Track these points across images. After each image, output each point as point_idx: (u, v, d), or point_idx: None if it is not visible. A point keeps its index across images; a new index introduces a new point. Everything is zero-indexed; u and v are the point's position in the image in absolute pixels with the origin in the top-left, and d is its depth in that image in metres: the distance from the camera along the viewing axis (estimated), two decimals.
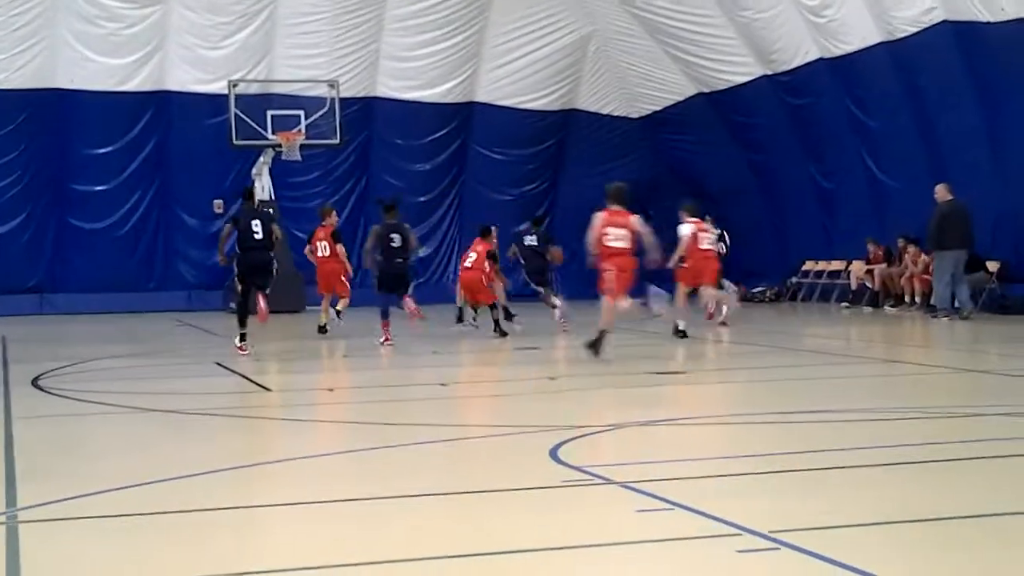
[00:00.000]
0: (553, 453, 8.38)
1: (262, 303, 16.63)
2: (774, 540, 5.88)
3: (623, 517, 6.63)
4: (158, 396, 12.97)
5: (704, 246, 19.92)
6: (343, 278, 20.13)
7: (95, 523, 6.83)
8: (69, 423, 11.15)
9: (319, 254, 20.17)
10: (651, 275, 16.41)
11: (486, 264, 19.94)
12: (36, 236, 27.88)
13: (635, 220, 15.37)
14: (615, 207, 15.40)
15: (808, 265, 27.81)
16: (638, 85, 30.46)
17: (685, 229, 19.77)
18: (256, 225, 16.52)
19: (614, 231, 15.19)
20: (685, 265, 19.69)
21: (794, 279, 27.98)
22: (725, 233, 23.28)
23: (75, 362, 16.15)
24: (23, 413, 11.13)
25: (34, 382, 13.48)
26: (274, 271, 16.79)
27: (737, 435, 9.65)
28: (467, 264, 20.32)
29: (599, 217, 15.26)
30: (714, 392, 12.59)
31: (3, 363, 16.04)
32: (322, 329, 19.65)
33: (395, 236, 17.66)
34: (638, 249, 15.09)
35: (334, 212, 21.43)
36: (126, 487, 7.67)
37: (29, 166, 27.75)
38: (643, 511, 6.68)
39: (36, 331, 20.65)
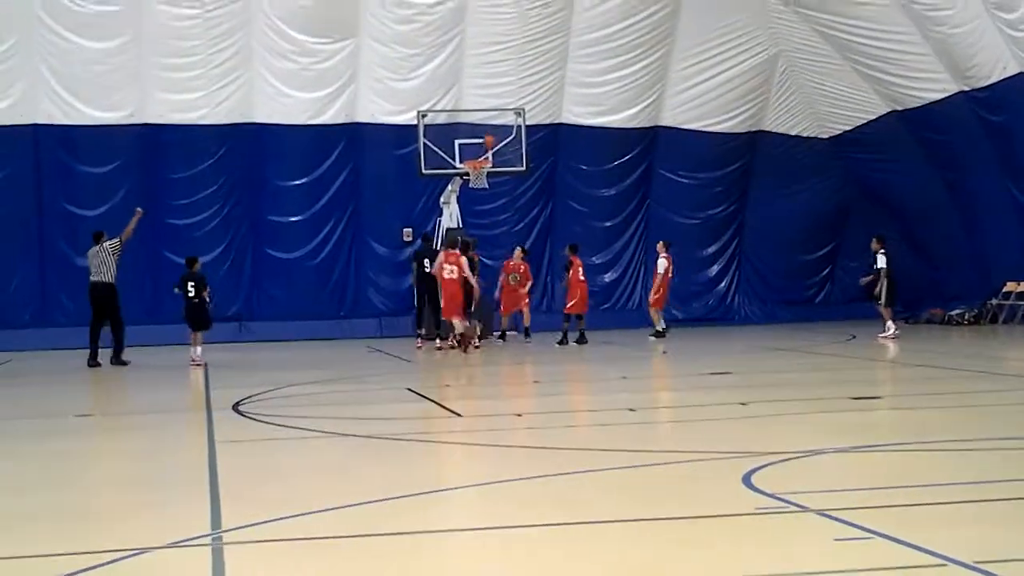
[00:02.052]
0: (747, 479, 8.23)
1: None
2: (980, 571, 5.65)
3: (821, 546, 6.46)
4: (353, 421, 13.21)
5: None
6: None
7: (295, 545, 6.97)
8: (269, 447, 11.44)
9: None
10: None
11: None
12: (235, 266, 28.80)
13: (463, 261, 22.15)
14: (451, 251, 22.38)
15: (1009, 287, 26.80)
16: (827, 105, 29.90)
17: (662, 264, 24.69)
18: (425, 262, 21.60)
19: (448, 267, 21.92)
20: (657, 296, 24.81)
21: (994, 301, 27.00)
22: None
23: (273, 388, 16.59)
24: (225, 437, 11.47)
25: (235, 407, 13.88)
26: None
27: (938, 462, 9.31)
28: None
29: (440, 256, 22.37)
30: (913, 418, 12.19)
31: (206, 389, 16.58)
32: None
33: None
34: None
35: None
36: (324, 510, 7.82)
37: (228, 198, 28.72)
38: (842, 540, 6.50)
39: (235, 358, 21.31)
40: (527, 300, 25.47)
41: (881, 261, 23.02)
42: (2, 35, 26.99)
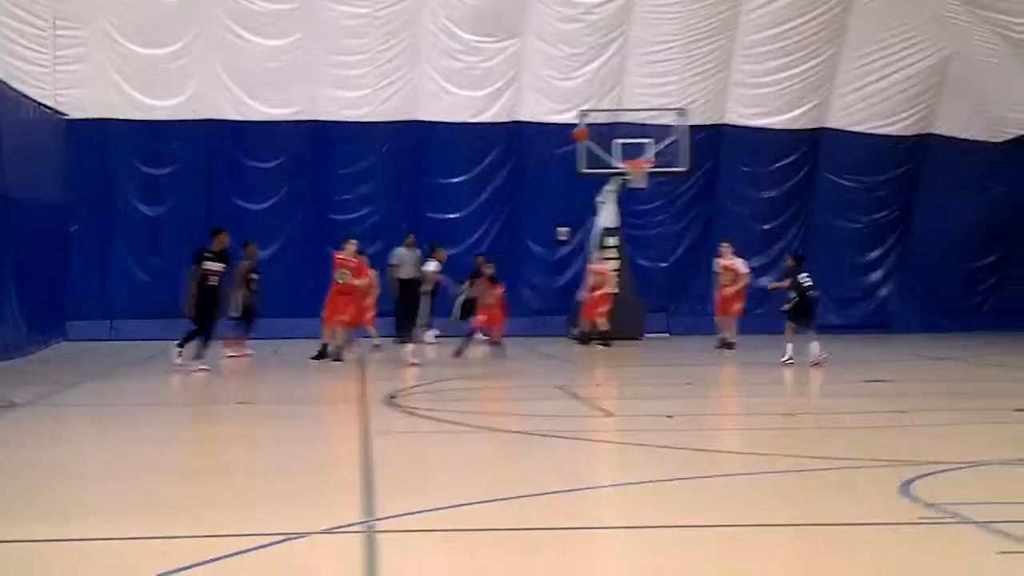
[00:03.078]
0: (906, 489, 8.02)
1: None
2: None
3: (983, 558, 6.26)
4: (504, 417, 13.30)
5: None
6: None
7: (444, 536, 7.05)
8: (421, 440, 11.57)
9: None
10: None
11: None
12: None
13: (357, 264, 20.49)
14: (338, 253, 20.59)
15: None
16: (1002, 108, 28.94)
17: (743, 265, 23.06)
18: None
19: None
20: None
21: None
22: None
23: (427, 382, 16.78)
24: (380, 428, 11.64)
25: (390, 399, 14.07)
26: None
27: None
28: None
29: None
30: None
31: (363, 381, 16.85)
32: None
33: None
34: None
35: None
36: (473, 503, 7.88)
37: (389, 195, 29.11)
38: (1005, 553, 6.29)
39: (393, 352, 21.60)
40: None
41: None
42: (179, 32, 27.83)
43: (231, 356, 20.84)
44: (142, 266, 28.18)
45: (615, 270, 26.54)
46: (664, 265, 29.73)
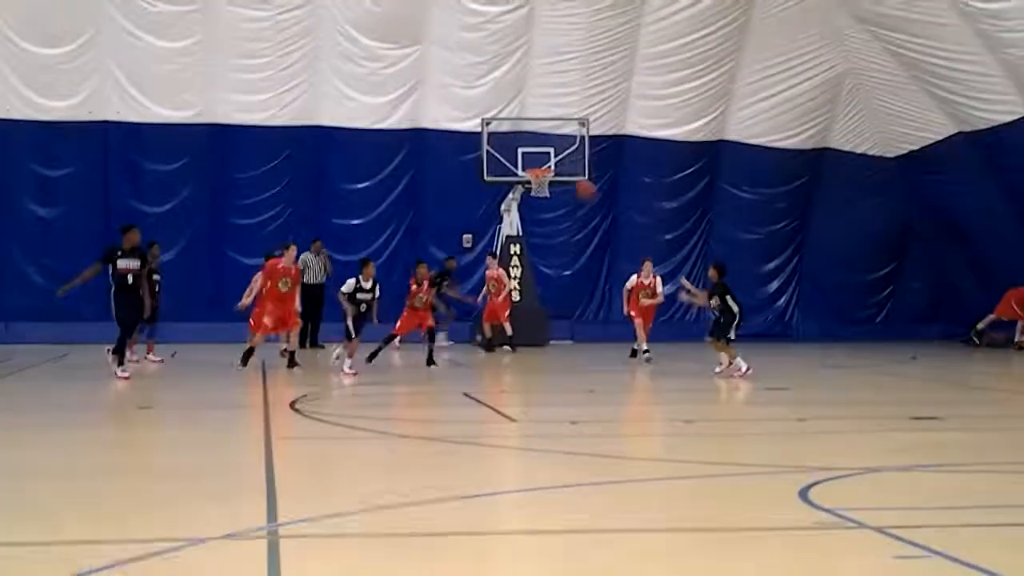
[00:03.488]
0: (803, 494, 8.16)
1: None
2: None
3: (878, 563, 6.39)
4: (409, 423, 13.26)
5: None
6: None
7: (348, 540, 7.01)
8: (325, 445, 11.50)
9: None
10: None
11: None
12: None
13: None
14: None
15: None
16: (895, 123, 29.60)
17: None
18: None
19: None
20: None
21: None
22: None
23: (330, 387, 16.67)
24: (282, 434, 11.54)
25: (292, 405, 13.96)
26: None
27: (1000, 484, 9.18)
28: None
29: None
30: (974, 439, 12.02)
31: (263, 386, 16.69)
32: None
33: None
34: None
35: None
36: (376, 508, 7.85)
37: (291, 200, 28.91)
38: (900, 558, 6.43)
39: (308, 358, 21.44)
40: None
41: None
42: (74, 32, 27.36)
43: (133, 360, 20.51)
44: (37, 268, 27.66)
45: (516, 278, 26.75)
46: (567, 273, 29.95)
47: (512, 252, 27.03)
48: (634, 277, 22.31)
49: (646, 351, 21.46)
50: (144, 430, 12.53)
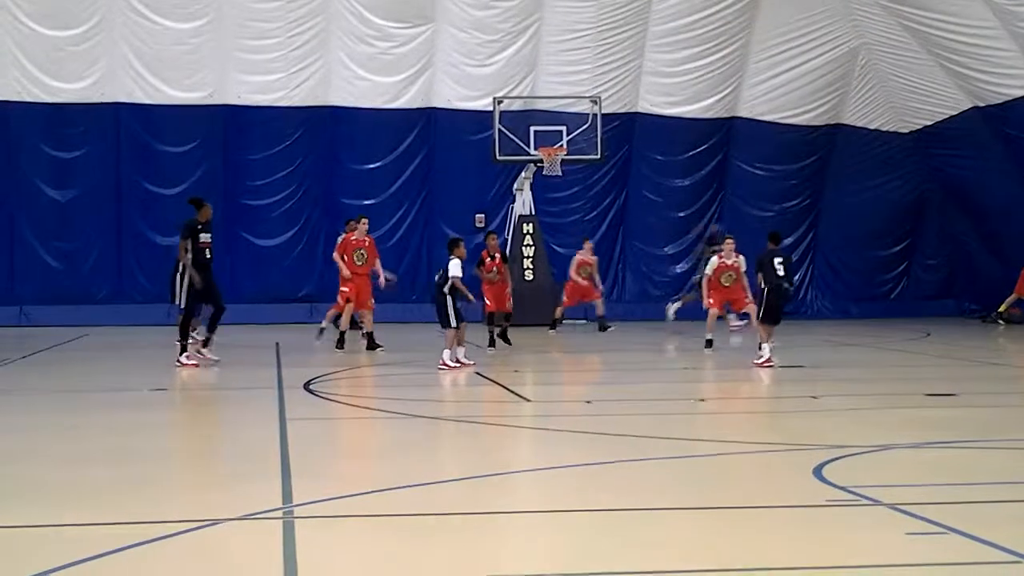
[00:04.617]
0: (818, 472, 8.17)
1: None
2: None
3: (892, 539, 6.39)
4: (421, 403, 13.29)
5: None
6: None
7: (363, 521, 7.04)
8: (339, 426, 11.53)
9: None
10: None
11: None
12: (308, 248, 28.97)
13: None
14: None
15: None
16: (908, 99, 29.47)
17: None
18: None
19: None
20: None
21: None
22: None
23: (344, 368, 16.71)
24: (296, 415, 11.57)
25: (306, 386, 14.00)
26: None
27: (1013, 460, 9.18)
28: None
29: None
30: (988, 415, 12.01)
31: (278, 367, 16.73)
32: None
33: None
34: None
35: None
36: (391, 488, 7.88)
37: (303, 181, 28.91)
38: (913, 534, 6.43)
39: (307, 339, 21.46)
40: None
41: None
42: (85, 14, 27.35)
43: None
44: (50, 251, 27.74)
45: (530, 257, 26.80)
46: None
47: (525, 231, 27.01)
48: (715, 259, 20.61)
49: (709, 340, 19.61)
50: (157, 412, 12.57)
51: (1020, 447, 9.74)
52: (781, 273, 16.65)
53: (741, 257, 20.50)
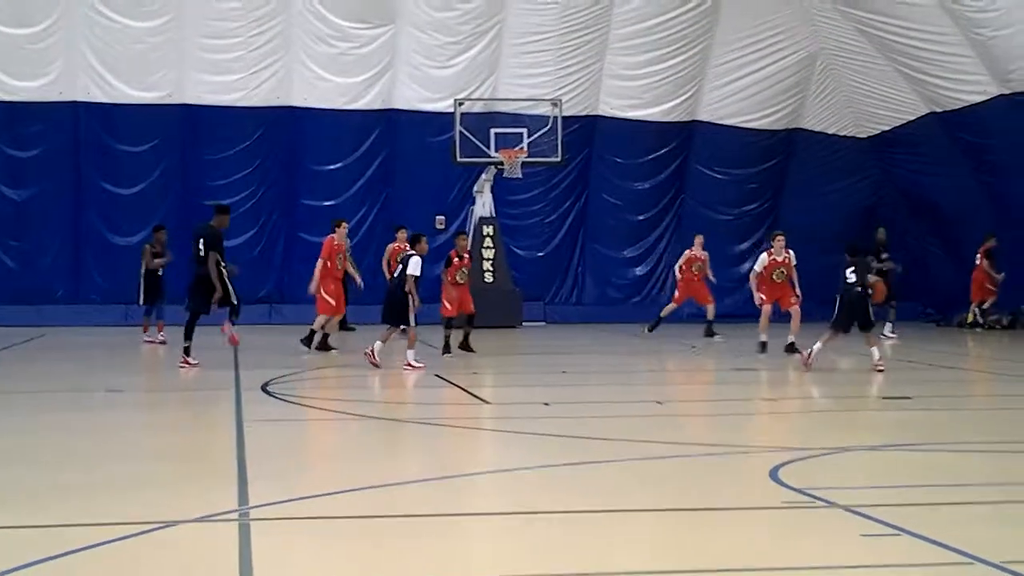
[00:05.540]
0: (774, 474, 8.21)
1: None
2: (1009, 571, 5.62)
3: (847, 541, 6.44)
4: (379, 404, 13.26)
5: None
6: None
7: (320, 523, 7.02)
8: (296, 428, 11.49)
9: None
10: None
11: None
12: (267, 249, 28.85)
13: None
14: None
15: None
16: (866, 104, 29.71)
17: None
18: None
19: None
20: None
21: None
22: None
23: (301, 370, 16.65)
24: (254, 417, 11.52)
25: (264, 388, 13.94)
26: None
27: (968, 462, 9.27)
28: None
29: None
30: (943, 418, 12.12)
31: (235, 369, 16.64)
32: None
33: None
34: None
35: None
36: (348, 491, 7.86)
37: (263, 181, 28.80)
38: (868, 535, 6.48)
39: (265, 340, 21.38)
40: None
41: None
42: (43, 12, 27.13)
43: (148, 341, 20.98)
44: (7, 251, 27.52)
45: (490, 259, 26.81)
46: (540, 255, 29.93)
47: (485, 233, 27.01)
48: (764, 256, 20.07)
49: (763, 342, 19.01)
50: (113, 413, 12.48)
51: (974, 450, 9.84)
52: (852, 280, 16.58)
53: (791, 252, 20.17)
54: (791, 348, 18.91)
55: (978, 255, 25.45)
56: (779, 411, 12.47)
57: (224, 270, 16.80)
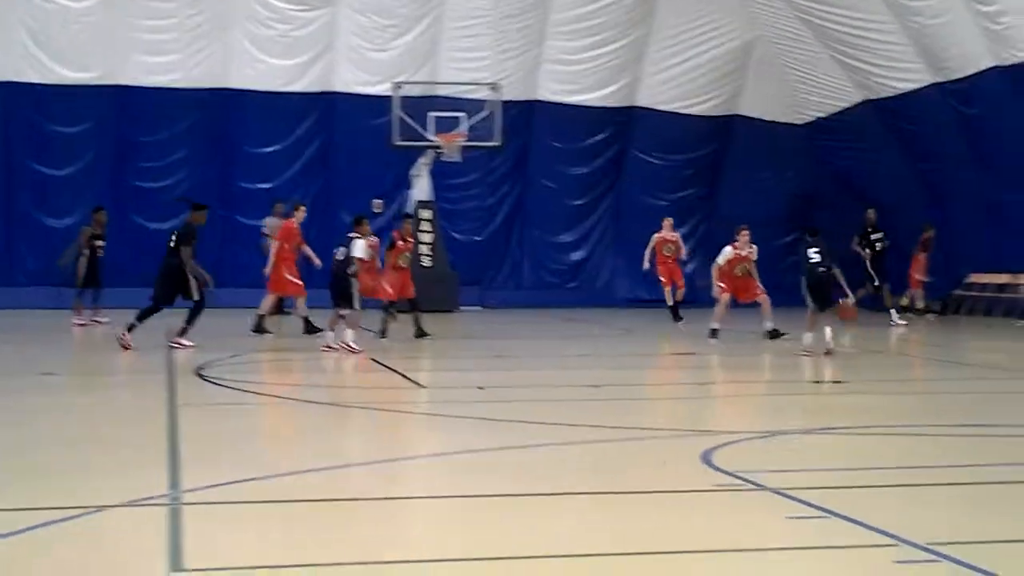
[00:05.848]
0: (706, 457, 8.28)
1: None
2: (933, 552, 5.71)
3: (774, 523, 6.51)
4: (315, 388, 13.21)
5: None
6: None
7: (251, 507, 6.98)
8: (230, 411, 11.41)
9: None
10: None
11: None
12: (204, 232, 28.53)
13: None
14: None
15: (974, 278, 26.97)
16: (803, 91, 29.96)
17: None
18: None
19: None
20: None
21: (958, 292, 27.17)
22: None
23: (235, 354, 16.54)
24: (186, 401, 11.44)
25: (197, 371, 13.83)
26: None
27: (897, 446, 9.40)
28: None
29: None
30: (873, 403, 12.27)
31: (168, 352, 16.50)
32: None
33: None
34: None
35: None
36: (281, 475, 7.82)
37: (199, 164, 28.53)
38: (795, 518, 6.55)
39: (200, 323, 21.23)
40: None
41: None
42: None
43: (80, 324, 20.80)
44: None
45: (428, 244, 26.75)
46: (478, 239, 29.94)
47: (423, 217, 26.94)
48: (729, 249, 19.77)
49: (714, 329, 18.83)
50: (45, 396, 12.33)
51: (903, 433, 9.98)
52: (815, 259, 16.82)
53: (755, 247, 20.13)
54: (774, 334, 19.07)
55: (917, 245, 25.72)
56: (711, 395, 12.57)
57: (195, 266, 17.05)
